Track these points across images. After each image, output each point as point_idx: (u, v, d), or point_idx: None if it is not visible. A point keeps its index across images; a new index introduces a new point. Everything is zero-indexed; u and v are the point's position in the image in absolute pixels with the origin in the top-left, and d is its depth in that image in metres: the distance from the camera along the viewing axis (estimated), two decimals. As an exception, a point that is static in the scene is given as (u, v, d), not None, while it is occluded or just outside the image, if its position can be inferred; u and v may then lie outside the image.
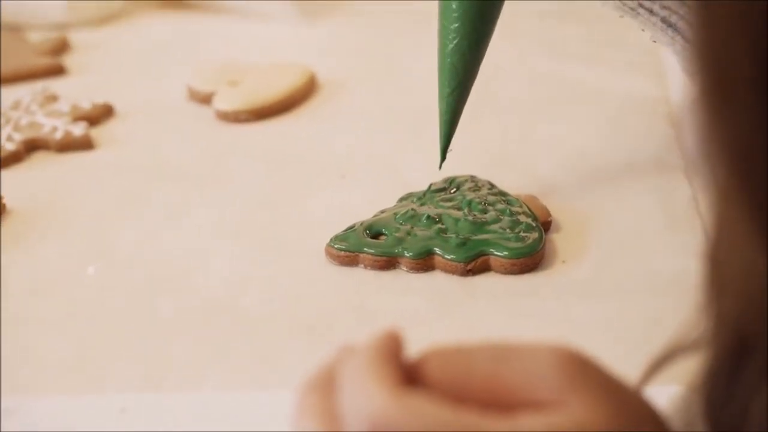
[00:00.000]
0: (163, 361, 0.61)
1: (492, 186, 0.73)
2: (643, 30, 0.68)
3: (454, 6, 0.67)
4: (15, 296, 0.67)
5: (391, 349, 0.36)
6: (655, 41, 0.69)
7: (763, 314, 0.32)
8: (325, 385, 0.37)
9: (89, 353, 0.62)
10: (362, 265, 0.67)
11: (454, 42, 0.67)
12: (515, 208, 0.69)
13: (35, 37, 1.02)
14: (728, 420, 0.35)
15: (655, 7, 0.65)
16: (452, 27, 0.67)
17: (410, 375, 0.36)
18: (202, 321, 0.64)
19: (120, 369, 0.60)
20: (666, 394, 0.41)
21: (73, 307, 0.66)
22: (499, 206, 0.70)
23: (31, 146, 0.83)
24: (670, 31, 0.66)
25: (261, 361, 0.60)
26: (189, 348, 0.62)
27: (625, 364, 0.39)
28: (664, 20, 0.65)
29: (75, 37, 1.03)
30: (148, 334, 0.63)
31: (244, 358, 0.61)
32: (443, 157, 0.71)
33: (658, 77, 0.90)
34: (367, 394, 0.35)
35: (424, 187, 0.74)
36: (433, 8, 0.88)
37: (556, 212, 0.71)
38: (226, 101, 0.88)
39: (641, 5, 0.65)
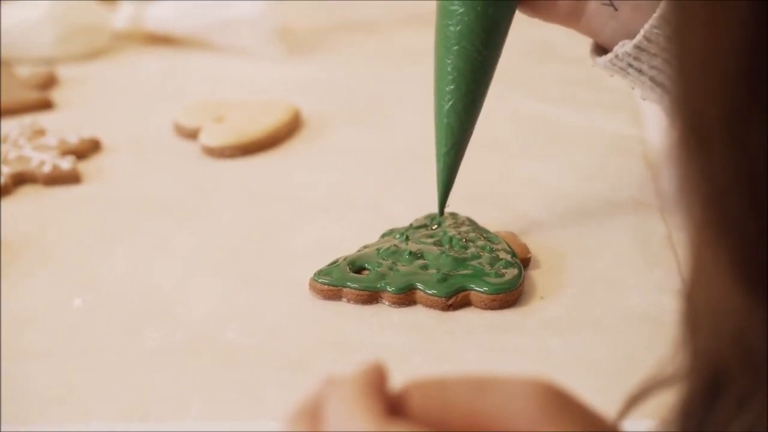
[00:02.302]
0: (148, 392, 0.62)
1: (472, 223, 0.75)
2: (633, 88, 0.70)
3: (449, 69, 0.69)
4: (4, 327, 0.67)
5: (376, 381, 0.37)
6: (644, 99, 0.70)
7: (737, 351, 0.33)
8: (311, 416, 0.38)
9: (76, 384, 0.62)
10: (345, 299, 0.69)
11: (450, 103, 0.70)
12: (495, 245, 0.71)
13: (23, 71, 1.03)
14: None
15: (644, 67, 0.67)
16: (447, 89, 0.69)
17: (392, 407, 0.37)
18: (186, 353, 0.65)
19: (106, 400, 0.61)
20: (640, 427, 0.42)
21: (60, 338, 0.66)
22: (480, 243, 0.71)
23: (19, 179, 0.84)
24: (658, 90, 0.68)
25: (244, 393, 0.61)
26: (173, 379, 0.62)
27: (601, 398, 0.40)
28: (652, 79, 0.67)
29: (62, 72, 1.04)
30: (133, 366, 0.64)
31: (227, 390, 0.62)
32: (441, 213, 0.73)
33: (635, 118, 0.92)
34: (352, 425, 0.36)
35: (407, 223, 0.75)
36: (418, 46, 0.89)
37: (535, 249, 0.73)
38: (212, 137, 0.89)
39: (630, 65, 0.67)
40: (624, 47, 0.67)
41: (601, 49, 0.70)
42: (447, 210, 0.75)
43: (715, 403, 0.35)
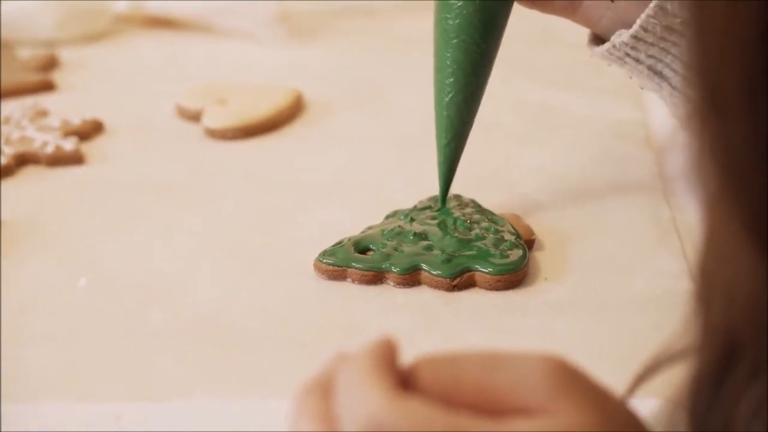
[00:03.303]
0: (155, 372, 0.62)
1: (477, 205, 0.75)
2: (630, 77, 0.70)
3: (448, 62, 0.69)
4: (6, 309, 0.67)
5: (387, 355, 0.38)
6: (642, 88, 0.71)
7: (751, 322, 0.34)
8: (323, 389, 0.38)
9: (79, 365, 0.62)
10: (350, 280, 0.69)
11: (450, 96, 0.70)
12: (500, 227, 0.71)
13: (24, 53, 1.03)
14: (713, 427, 0.36)
15: (642, 57, 0.67)
16: (447, 81, 0.70)
17: (403, 381, 0.37)
18: (191, 334, 0.65)
19: (110, 380, 0.61)
20: (647, 407, 0.42)
21: (64, 319, 0.66)
22: (484, 224, 0.71)
23: (22, 160, 0.84)
24: (656, 79, 0.68)
25: (250, 373, 0.61)
26: (179, 360, 0.62)
27: (604, 379, 0.40)
28: (650, 68, 0.68)
29: (64, 54, 1.04)
30: (137, 347, 0.64)
31: (233, 370, 0.62)
32: (443, 204, 0.73)
33: (638, 103, 0.92)
34: (363, 397, 0.36)
35: (410, 205, 0.75)
36: (419, 31, 0.89)
37: (539, 231, 0.73)
38: (214, 119, 0.89)
39: (628, 55, 0.67)
40: (621, 37, 0.67)
41: (598, 39, 0.71)
42: (451, 192, 0.76)
43: (727, 375, 0.35)
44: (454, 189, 0.76)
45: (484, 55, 0.69)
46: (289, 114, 0.92)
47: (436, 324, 0.65)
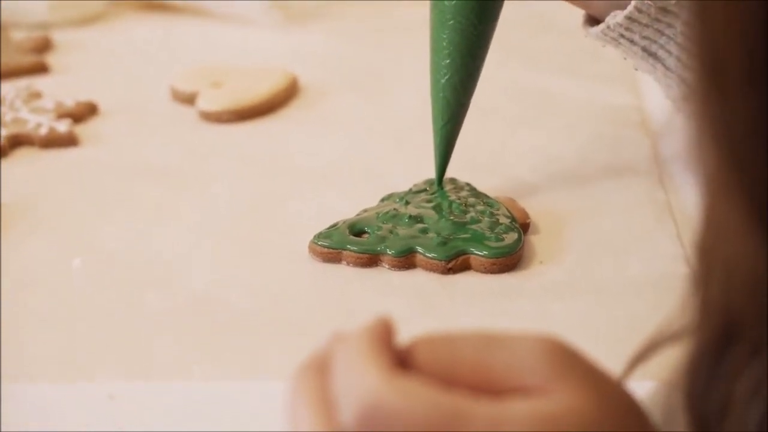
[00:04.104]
0: (150, 353, 0.61)
1: (472, 188, 0.75)
2: (625, 58, 0.70)
3: (444, 43, 0.69)
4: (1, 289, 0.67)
5: (383, 334, 0.37)
6: (636, 69, 0.71)
7: (751, 300, 0.33)
8: (319, 369, 0.38)
9: (76, 345, 0.62)
10: (345, 262, 0.69)
11: (446, 77, 0.70)
12: (495, 210, 0.71)
13: (18, 35, 1.03)
14: (710, 407, 0.36)
15: (636, 38, 0.67)
16: (444, 63, 0.70)
17: (400, 361, 0.37)
18: (186, 315, 0.65)
19: (107, 359, 0.61)
20: (644, 389, 0.42)
21: (59, 300, 0.66)
22: (479, 207, 0.71)
23: (15, 142, 0.84)
24: (650, 60, 0.68)
25: (245, 354, 0.61)
26: (174, 341, 0.62)
27: (600, 361, 0.40)
28: (644, 49, 0.67)
29: (58, 36, 1.04)
30: (133, 327, 0.64)
31: (228, 351, 0.62)
32: (439, 185, 0.73)
33: (633, 87, 0.92)
34: (360, 377, 0.36)
35: (406, 189, 0.75)
36: (416, 16, 0.89)
37: (535, 215, 0.73)
38: (209, 102, 0.89)
39: (622, 36, 0.67)
40: (615, 18, 0.67)
41: (593, 20, 0.71)
42: (447, 176, 0.75)
43: (725, 355, 0.35)
44: (450, 172, 0.76)
45: (481, 36, 0.70)
46: (285, 97, 0.92)
47: (431, 307, 0.65)
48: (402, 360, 0.37)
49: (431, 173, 0.76)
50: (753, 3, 0.30)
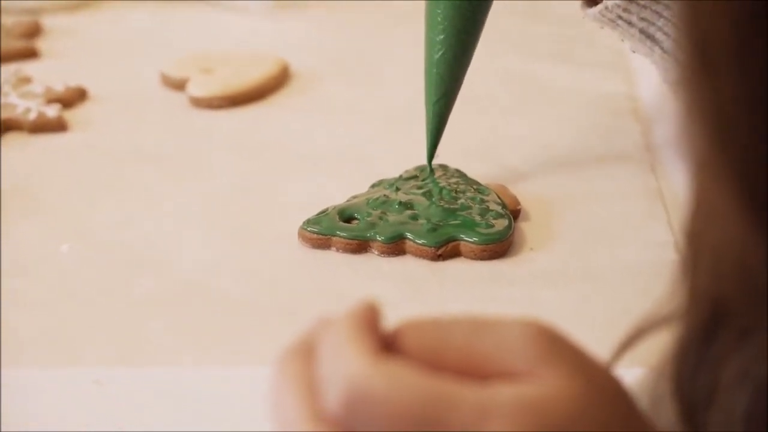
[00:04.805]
0: (138, 337, 0.61)
1: (462, 174, 0.74)
2: (622, 40, 0.70)
3: (439, 18, 0.69)
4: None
5: (369, 318, 0.37)
6: (634, 51, 0.70)
7: (739, 285, 0.33)
8: (304, 354, 0.37)
9: (64, 329, 0.62)
10: (334, 249, 0.68)
11: (440, 53, 0.70)
12: (485, 196, 0.71)
13: (8, 20, 1.02)
14: (697, 393, 0.36)
15: (634, 19, 0.67)
16: (438, 38, 0.70)
17: (387, 345, 0.37)
18: (175, 300, 0.64)
19: (94, 344, 0.61)
20: (631, 375, 0.42)
21: (48, 285, 0.66)
22: (470, 194, 0.71)
23: (4, 127, 0.83)
24: (648, 42, 0.68)
25: (233, 340, 0.61)
26: (163, 326, 0.62)
27: (590, 348, 0.40)
28: (642, 31, 0.67)
29: (48, 22, 1.03)
30: (122, 312, 0.64)
31: (216, 336, 0.61)
32: (430, 164, 0.73)
33: (625, 74, 0.92)
34: (345, 361, 0.35)
35: (396, 175, 0.75)
36: (408, 4, 0.89)
37: (525, 202, 0.73)
38: (199, 87, 0.89)
39: (620, 17, 0.67)
40: None
41: (592, 1, 0.70)
42: (437, 162, 0.75)
43: (713, 339, 0.35)
44: (441, 159, 0.76)
45: (476, 11, 0.69)
46: (276, 83, 0.91)
47: (421, 293, 0.65)
48: (388, 344, 0.37)
49: (422, 160, 0.75)
50: None
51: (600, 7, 0.68)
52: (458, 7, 0.69)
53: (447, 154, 0.76)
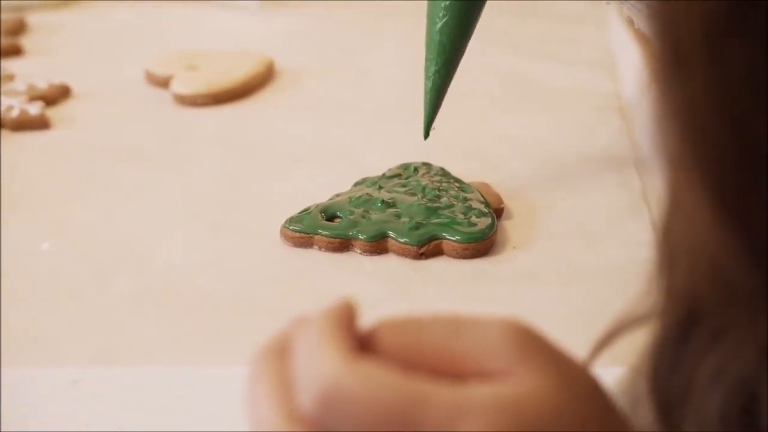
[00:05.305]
0: (117, 336, 0.61)
1: (446, 173, 0.74)
2: (628, 17, 0.68)
3: None
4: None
5: (345, 317, 0.37)
6: (638, 28, 0.69)
7: (714, 285, 0.33)
8: (279, 352, 0.37)
9: (43, 327, 0.62)
10: (316, 247, 0.68)
11: (444, 20, 0.68)
12: (468, 195, 0.71)
13: (-8, 17, 1.02)
14: (673, 392, 0.36)
15: None
16: (442, 4, 0.68)
17: (363, 344, 0.37)
18: (156, 299, 0.64)
19: (73, 343, 0.60)
20: (610, 375, 0.42)
21: (28, 283, 0.66)
22: (453, 192, 0.71)
23: (-14, 124, 0.83)
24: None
25: (214, 338, 0.61)
26: (143, 324, 0.62)
27: (570, 348, 0.40)
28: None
29: (33, 19, 1.03)
30: (102, 311, 0.63)
31: (197, 335, 0.61)
32: (426, 134, 0.72)
33: (610, 73, 0.92)
34: (319, 360, 0.35)
35: (380, 173, 0.74)
36: (394, 1, 0.89)
37: (509, 200, 0.72)
38: (184, 85, 0.88)
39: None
40: None
41: None
42: (421, 160, 0.75)
43: (689, 338, 0.35)
44: (425, 157, 0.76)
45: None
46: (260, 81, 0.91)
47: (403, 292, 0.65)
48: (365, 344, 0.37)
49: (406, 158, 0.75)
50: None
51: None
52: None
53: (432, 152, 0.75)
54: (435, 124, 0.71)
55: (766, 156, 0.30)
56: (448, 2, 0.68)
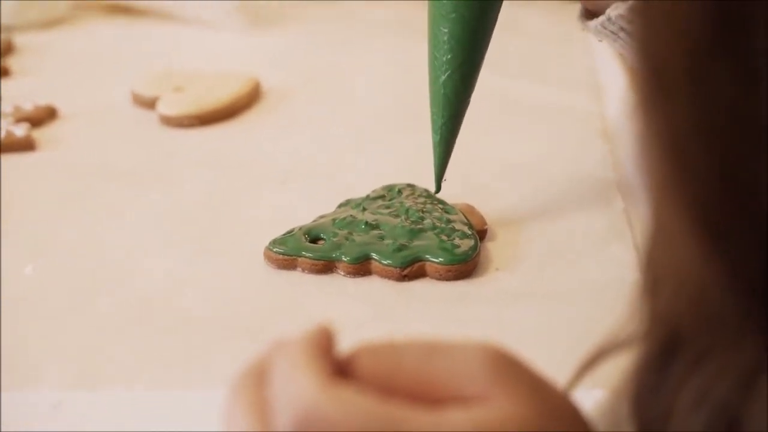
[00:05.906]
0: (98, 358, 0.61)
1: (430, 194, 0.74)
2: (621, 54, 0.68)
3: (445, 38, 0.67)
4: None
5: (323, 342, 0.37)
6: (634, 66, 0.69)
7: (696, 312, 0.33)
8: (257, 378, 0.37)
9: (23, 350, 0.61)
10: (300, 269, 0.68)
11: (447, 73, 0.68)
12: (452, 216, 0.71)
13: (-21, 39, 1.02)
14: (654, 417, 0.36)
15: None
16: (444, 58, 0.67)
17: (341, 369, 0.37)
18: (138, 320, 0.64)
19: (54, 366, 0.60)
20: (591, 397, 0.42)
21: (9, 304, 0.65)
22: (436, 214, 0.71)
23: (-28, 146, 0.83)
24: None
25: (196, 361, 0.61)
26: (125, 346, 0.62)
27: (555, 369, 0.40)
28: None
29: (20, 40, 1.03)
30: (84, 332, 0.63)
31: (179, 358, 0.61)
32: (438, 188, 0.72)
33: (594, 94, 0.92)
34: (297, 386, 0.35)
35: (364, 195, 0.75)
36: (379, 19, 0.89)
37: (493, 221, 0.72)
38: (170, 106, 0.89)
39: (622, 29, 0.65)
40: (617, 10, 0.65)
41: (590, 14, 0.69)
42: (405, 182, 0.75)
43: (671, 362, 0.35)
44: (409, 178, 0.76)
45: (483, 29, 0.67)
46: (246, 102, 0.91)
47: (387, 314, 0.65)
48: (342, 368, 0.37)
49: (391, 179, 0.75)
50: (694, 3, 0.30)
51: (602, 18, 0.66)
52: (465, 26, 0.66)
53: (415, 173, 0.75)
54: (418, 146, 0.72)
55: (748, 180, 0.31)
56: (450, 56, 0.67)
